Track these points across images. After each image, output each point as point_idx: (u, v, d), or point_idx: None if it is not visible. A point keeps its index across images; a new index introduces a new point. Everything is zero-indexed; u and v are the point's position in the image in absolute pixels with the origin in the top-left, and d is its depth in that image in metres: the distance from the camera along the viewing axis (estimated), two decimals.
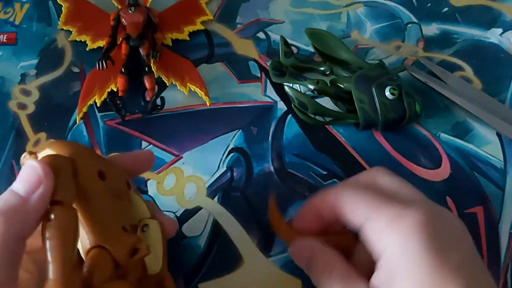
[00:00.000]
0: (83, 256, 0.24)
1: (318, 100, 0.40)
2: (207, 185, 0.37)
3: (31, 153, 0.26)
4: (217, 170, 0.38)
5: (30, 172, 0.23)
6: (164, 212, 0.32)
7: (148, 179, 0.38)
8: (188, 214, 0.36)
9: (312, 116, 0.39)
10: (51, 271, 0.21)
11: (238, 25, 0.45)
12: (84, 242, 0.24)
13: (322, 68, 0.42)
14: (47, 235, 0.22)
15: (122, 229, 0.26)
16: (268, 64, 0.42)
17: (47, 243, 0.22)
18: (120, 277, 0.25)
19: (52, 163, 0.23)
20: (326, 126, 0.40)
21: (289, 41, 0.43)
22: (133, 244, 0.25)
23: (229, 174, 0.38)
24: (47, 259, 0.21)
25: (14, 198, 0.23)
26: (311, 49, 0.43)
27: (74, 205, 0.24)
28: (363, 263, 0.28)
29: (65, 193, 0.23)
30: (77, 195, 0.24)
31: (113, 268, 0.24)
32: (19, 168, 0.38)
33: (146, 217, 0.28)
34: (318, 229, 0.30)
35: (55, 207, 0.23)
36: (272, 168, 0.38)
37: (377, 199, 0.26)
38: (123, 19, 0.41)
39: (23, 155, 0.27)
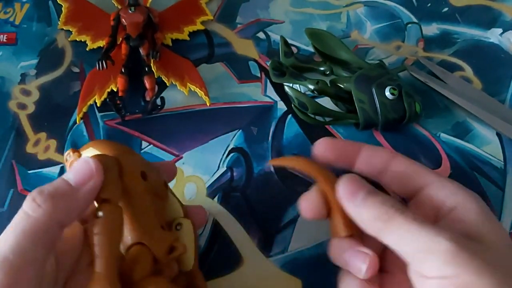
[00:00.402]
0: (122, 251, 0.25)
1: (318, 100, 0.40)
2: (207, 185, 0.37)
3: (74, 150, 0.27)
4: (217, 170, 0.38)
5: (83, 166, 0.24)
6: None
7: None
8: None
9: (312, 116, 0.39)
10: (98, 265, 0.22)
11: (238, 25, 0.45)
12: (124, 238, 0.25)
13: (322, 68, 0.42)
14: (95, 231, 0.23)
15: (160, 227, 0.27)
16: (268, 64, 0.42)
17: (95, 239, 0.23)
18: (157, 273, 0.26)
19: (102, 161, 0.25)
20: (326, 126, 0.40)
21: (289, 41, 0.43)
22: (172, 242, 0.26)
23: (229, 174, 0.38)
24: (94, 254, 0.23)
25: (65, 186, 0.24)
26: (311, 49, 0.43)
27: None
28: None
29: (112, 192, 0.25)
30: (122, 193, 0.25)
31: (152, 264, 0.25)
32: (19, 168, 0.38)
33: (180, 216, 0.29)
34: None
35: (104, 204, 0.24)
36: (272, 168, 0.38)
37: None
38: (123, 19, 0.41)
39: (66, 153, 0.27)
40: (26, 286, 0.22)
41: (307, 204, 0.28)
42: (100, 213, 0.24)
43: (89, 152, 0.27)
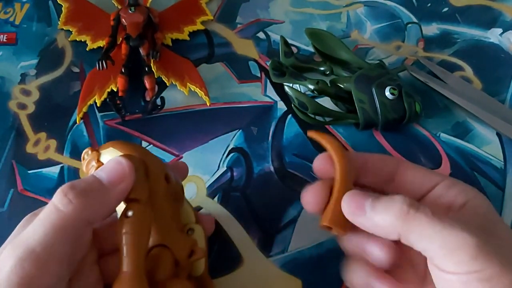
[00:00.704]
0: None
1: (318, 100, 0.40)
2: (207, 185, 0.37)
3: (92, 149, 0.27)
4: (217, 170, 0.38)
5: (117, 166, 0.24)
6: None
7: None
8: None
9: (312, 116, 0.39)
10: (126, 264, 0.22)
11: (238, 25, 0.45)
12: None
13: (322, 68, 0.42)
14: (124, 230, 0.23)
15: (180, 231, 0.27)
16: (268, 64, 0.42)
17: (124, 238, 0.23)
18: (176, 276, 0.26)
19: (133, 162, 0.25)
20: (326, 126, 0.40)
21: (289, 41, 0.43)
22: (192, 246, 0.26)
23: (229, 174, 0.38)
24: (122, 253, 0.23)
25: (97, 185, 0.24)
26: (311, 49, 0.43)
27: None
28: None
29: (141, 192, 0.25)
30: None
31: (173, 266, 0.25)
32: (19, 168, 0.38)
33: (192, 222, 0.29)
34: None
35: (133, 204, 0.24)
36: (272, 168, 0.38)
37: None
38: (123, 19, 0.41)
39: (85, 151, 0.27)
40: (50, 279, 0.22)
41: (311, 197, 0.27)
42: (130, 213, 0.24)
43: (109, 152, 0.26)
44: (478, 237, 0.23)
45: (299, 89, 0.39)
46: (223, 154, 0.39)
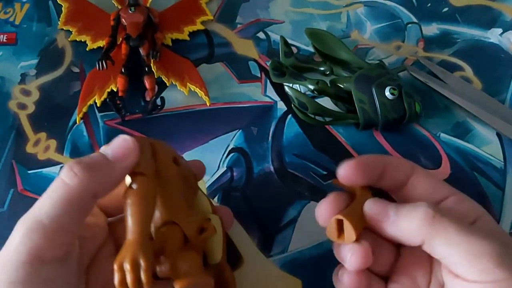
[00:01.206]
0: (153, 232, 0.25)
1: (318, 100, 0.40)
2: (207, 185, 0.37)
3: None
4: (217, 170, 0.38)
5: (122, 143, 0.25)
6: None
7: None
8: None
9: (312, 116, 0.39)
10: (130, 233, 0.23)
11: (238, 25, 0.45)
12: (155, 217, 0.25)
13: (322, 68, 0.42)
14: (129, 201, 0.24)
15: (191, 210, 0.27)
16: (268, 64, 0.42)
17: (128, 209, 0.23)
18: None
19: (138, 141, 0.26)
20: (326, 126, 0.40)
21: (289, 41, 0.43)
22: (202, 223, 0.27)
23: (229, 174, 0.38)
24: (127, 223, 0.23)
25: (102, 159, 0.25)
26: (311, 49, 0.43)
27: None
28: None
29: (146, 167, 0.25)
30: (155, 174, 0.26)
31: (183, 242, 0.26)
32: (19, 168, 0.38)
33: (208, 212, 0.30)
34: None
35: (138, 177, 0.25)
36: (272, 168, 0.38)
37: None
38: (123, 19, 0.41)
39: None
40: (58, 251, 0.23)
41: (326, 211, 0.27)
42: (134, 185, 0.24)
43: None
44: (500, 246, 0.23)
45: (299, 89, 0.39)
46: (223, 154, 0.39)
